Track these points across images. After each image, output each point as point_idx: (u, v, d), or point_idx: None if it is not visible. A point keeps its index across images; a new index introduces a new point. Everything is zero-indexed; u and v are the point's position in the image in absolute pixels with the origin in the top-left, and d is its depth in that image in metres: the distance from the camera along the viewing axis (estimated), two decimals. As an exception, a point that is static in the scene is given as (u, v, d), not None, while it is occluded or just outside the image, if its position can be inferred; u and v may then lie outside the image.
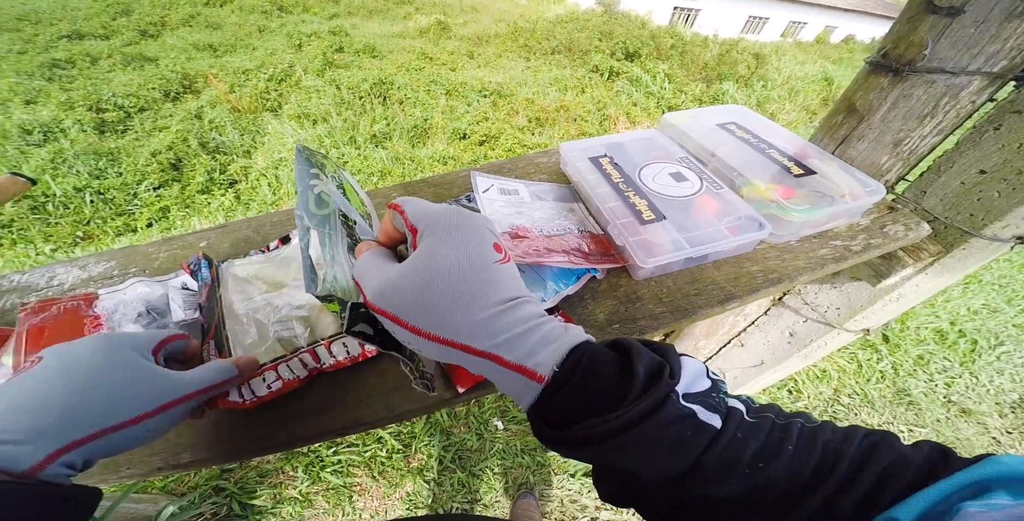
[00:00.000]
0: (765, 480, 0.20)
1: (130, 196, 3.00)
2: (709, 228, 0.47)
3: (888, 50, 0.47)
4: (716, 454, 0.21)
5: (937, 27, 0.43)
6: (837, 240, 0.55)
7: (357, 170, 3.23)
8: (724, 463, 0.21)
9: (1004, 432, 1.58)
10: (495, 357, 0.23)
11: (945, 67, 0.44)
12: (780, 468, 0.20)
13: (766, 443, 0.21)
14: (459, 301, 0.23)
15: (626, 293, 0.46)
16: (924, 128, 0.52)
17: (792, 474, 0.20)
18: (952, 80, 0.45)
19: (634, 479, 0.23)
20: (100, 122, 3.66)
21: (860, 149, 0.58)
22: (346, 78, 4.37)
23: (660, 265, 0.45)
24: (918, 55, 0.45)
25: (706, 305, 0.45)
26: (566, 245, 0.46)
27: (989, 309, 2.07)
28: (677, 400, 0.22)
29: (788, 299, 0.92)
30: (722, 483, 0.21)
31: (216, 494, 1.30)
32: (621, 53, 5.69)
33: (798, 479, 0.20)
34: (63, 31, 5.88)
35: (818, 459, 0.21)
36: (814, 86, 5.22)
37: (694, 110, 0.63)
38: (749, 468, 0.21)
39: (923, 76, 0.46)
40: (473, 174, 0.52)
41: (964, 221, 0.58)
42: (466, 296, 0.23)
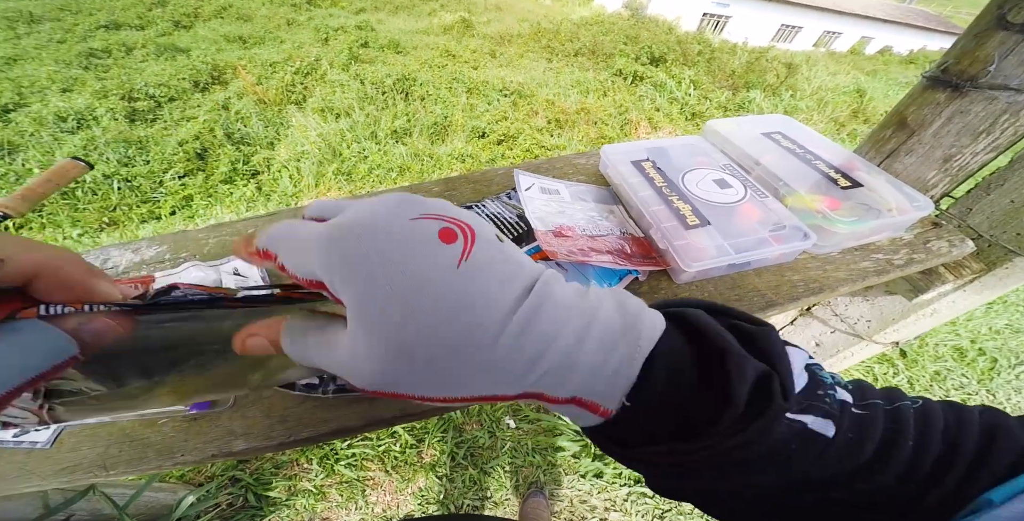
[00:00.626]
0: (877, 484, 0.18)
1: (156, 184, 3.08)
2: (753, 235, 0.47)
3: (949, 65, 0.47)
4: (825, 463, 0.18)
5: (1007, 43, 0.42)
6: (879, 253, 0.54)
7: (377, 165, 3.27)
8: (834, 473, 0.18)
9: None
10: (537, 396, 0.17)
11: (1010, 84, 0.43)
12: (898, 466, 0.18)
13: (881, 442, 0.18)
14: (443, 353, 0.16)
15: (667, 296, 0.46)
16: (978, 145, 0.51)
17: (909, 473, 0.18)
18: (1015, 97, 0.44)
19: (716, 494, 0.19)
20: (131, 111, 3.77)
21: (907, 163, 0.57)
22: (370, 73, 4.43)
23: (703, 270, 0.45)
24: (981, 71, 0.44)
25: (747, 311, 0.45)
26: (609, 246, 0.46)
27: (1012, 329, 2.03)
28: (783, 417, 0.17)
29: (817, 310, 0.91)
30: (828, 490, 0.18)
31: (232, 484, 1.33)
32: (646, 57, 5.65)
33: (915, 477, 0.18)
34: (101, 21, 6.07)
35: (937, 452, 0.18)
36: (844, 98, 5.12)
37: (738, 118, 0.63)
38: (865, 471, 0.18)
39: (984, 92, 0.45)
40: (516, 172, 0.53)
41: (1010, 240, 0.57)
42: (448, 342, 0.16)
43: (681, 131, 4.18)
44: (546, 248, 0.40)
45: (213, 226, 0.55)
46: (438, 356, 0.16)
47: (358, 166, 3.29)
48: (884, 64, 9.32)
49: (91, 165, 0.54)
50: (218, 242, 0.53)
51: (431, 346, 0.16)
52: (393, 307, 0.16)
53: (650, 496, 1.37)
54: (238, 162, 3.31)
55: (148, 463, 0.37)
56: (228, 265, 0.48)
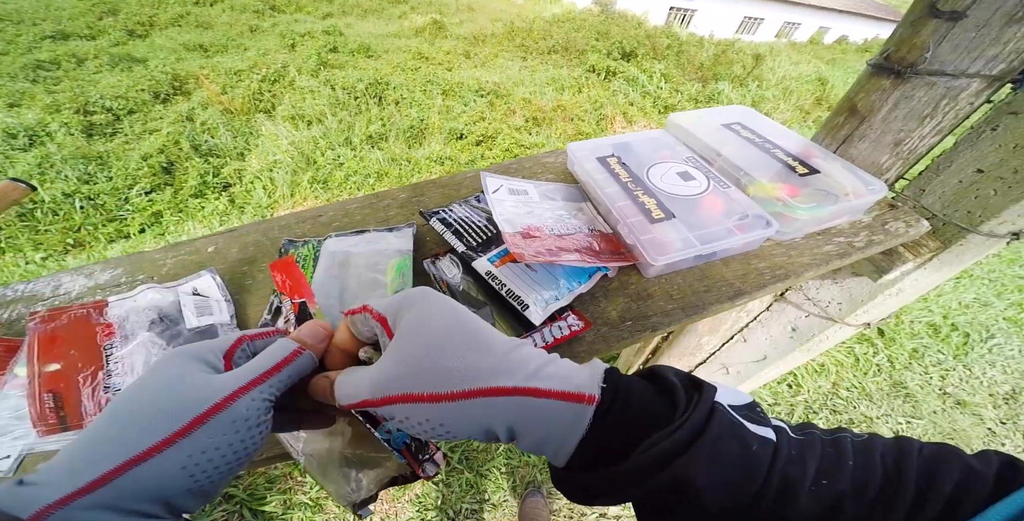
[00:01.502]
0: (832, 497, 0.19)
1: (121, 201, 2.97)
2: (717, 226, 0.47)
3: (891, 53, 0.48)
4: (780, 469, 0.19)
5: (939, 31, 0.44)
6: (841, 237, 0.56)
7: (353, 172, 3.22)
8: (790, 480, 0.19)
9: (998, 422, 1.62)
10: (532, 390, 0.21)
11: (946, 70, 0.45)
12: (844, 483, 0.19)
13: (823, 458, 0.20)
14: (469, 347, 0.22)
15: (637, 291, 0.46)
16: (924, 128, 0.53)
17: (857, 491, 0.19)
18: (952, 82, 0.46)
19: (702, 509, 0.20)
20: (88, 125, 3.61)
21: (861, 149, 0.59)
22: (341, 78, 4.35)
23: (670, 263, 0.45)
24: (920, 58, 0.46)
25: (716, 301, 0.46)
26: (577, 244, 0.46)
27: (980, 303, 2.11)
28: (725, 409, 0.21)
29: (790, 295, 0.93)
30: (793, 502, 0.19)
31: (226, 501, 1.30)
32: (618, 53, 5.71)
33: (864, 498, 0.19)
34: (47, 31, 5.79)
35: (880, 477, 0.19)
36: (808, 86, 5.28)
37: (699, 111, 0.64)
38: (815, 485, 0.19)
39: (924, 78, 0.47)
40: (483, 175, 0.52)
41: (962, 218, 0.60)
42: (473, 341, 0.23)
43: (655, 124, 4.24)
44: (514, 250, 0.40)
45: (171, 246, 0.53)
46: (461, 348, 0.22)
47: (334, 173, 3.23)
48: (842, 53, 9.65)
49: (33, 187, 0.51)
50: (176, 262, 0.51)
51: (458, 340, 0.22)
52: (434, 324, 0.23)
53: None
54: (208, 175, 3.21)
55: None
56: (187, 285, 0.46)
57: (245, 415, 0.22)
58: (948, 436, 1.56)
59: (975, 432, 1.58)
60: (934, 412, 1.64)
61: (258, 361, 0.25)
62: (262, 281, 0.49)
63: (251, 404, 0.23)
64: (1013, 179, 0.53)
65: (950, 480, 0.18)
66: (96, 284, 0.50)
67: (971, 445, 1.54)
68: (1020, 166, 0.51)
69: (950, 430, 1.58)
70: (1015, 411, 1.65)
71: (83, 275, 0.51)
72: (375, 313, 0.25)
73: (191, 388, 0.22)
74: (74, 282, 0.50)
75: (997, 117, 0.50)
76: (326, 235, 0.52)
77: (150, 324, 0.41)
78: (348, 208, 0.56)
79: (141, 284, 0.48)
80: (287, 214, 0.56)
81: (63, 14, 6.61)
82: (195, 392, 0.22)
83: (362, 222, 0.54)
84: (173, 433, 0.20)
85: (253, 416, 0.23)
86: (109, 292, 0.49)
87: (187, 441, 0.20)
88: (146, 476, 0.19)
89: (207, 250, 0.52)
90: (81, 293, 0.49)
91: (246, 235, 0.53)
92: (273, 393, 0.24)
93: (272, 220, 0.55)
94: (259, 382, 0.23)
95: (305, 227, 0.54)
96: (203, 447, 0.21)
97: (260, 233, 0.53)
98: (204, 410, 0.21)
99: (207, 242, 0.53)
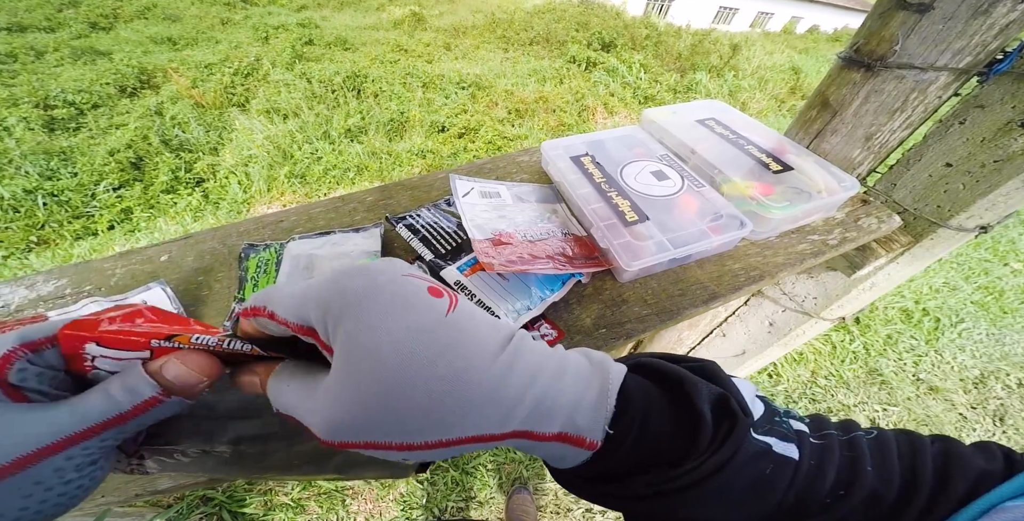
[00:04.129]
0: (847, 508, 0.19)
1: (88, 198, 2.84)
2: (692, 228, 0.46)
3: (860, 45, 0.48)
4: (798, 490, 0.19)
5: (907, 23, 0.43)
6: (815, 235, 0.56)
7: (332, 166, 3.14)
8: (807, 499, 0.19)
9: (969, 407, 1.68)
10: (525, 434, 0.18)
11: (914, 63, 0.44)
12: (863, 491, 0.19)
13: (841, 467, 0.20)
14: (437, 390, 0.16)
15: (611, 296, 0.45)
16: (894, 122, 0.53)
17: (875, 498, 0.19)
18: (921, 75, 0.46)
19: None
20: (49, 119, 3.44)
21: (833, 143, 0.59)
22: (317, 71, 4.22)
23: (645, 267, 0.44)
24: (889, 51, 0.45)
25: (691, 305, 0.45)
26: (550, 250, 0.45)
27: (949, 287, 2.18)
28: (751, 441, 0.19)
29: (767, 290, 0.94)
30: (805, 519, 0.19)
31: (204, 504, 1.27)
32: (598, 43, 5.68)
33: (882, 503, 0.19)
34: (1, 23, 5.45)
35: (899, 480, 0.19)
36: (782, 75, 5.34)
37: (673, 106, 0.63)
38: (831, 497, 0.19)
39: (893, 71, 0.46)
40: (452, 177, 0.50)
41: (932, 213, 0.60)
42: (447, 377, 0.16)
43: (635, 115, 4.24)
44: (483, 259, 0.38)
45: (121, 254, 0.49)
46: (429, 393, 0.16)
47: (312, 168, 3.14)
48: (814, 42, 9.77)
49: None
50: (127, 272, 0.48)
51: (424, 382, 0.16)
52: (389, 349, 0.16)
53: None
54: (179, 170, 3.09)
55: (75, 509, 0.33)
56: (136, 297, 0.43)
57: (59, 474, 0.16)
58: (922, 423, 1.62)
59: (947, 418, 1.64)
60: (908, 398, 1.70)
61: (96, 402, 0.18)
62: (219, 291, 0.46)
63: (68, 463, 0.17)
64: (980, 173, 0.53)
65: (965, 481, 0.18)
66: (38, 296, 0.46)
67: (944, 432, 1.60)
68: (987, 160, 0.52)
69: (924, 416, 1.64)
70: (984, 395, 1.71)
71: (24, 286, 0.47)
72: (292, 325, 0.18)
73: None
74: (14, 294, 0.46)
75: (964, 110, 0.50)
76: (288, 238, 0.49)
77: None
78: (312, 212, 0.53)
79: (86, 296, 0.45)
80: (246, 220, 0.53)
81: (19, 5, 6.23)
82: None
83: (326, 227, 0.52)
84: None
85: (73, 473, 0.17)
86: (52, 304, 0.45)
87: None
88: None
89: (160, 259, 0.49)
90: (21, 305, 0.45)
91: (202, 242, 0.50)
92: (114, 441, 0.18)
93: (230, 226, 0.53)
94: (78, 439, 0.17)
95: (265, 232, 0.52)
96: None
97: (217, 240, 0.50)
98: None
99: (160, 250, 0.50)
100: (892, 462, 0.20)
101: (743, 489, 0.18)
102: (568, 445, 0.18)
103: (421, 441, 0.17)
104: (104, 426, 0.17)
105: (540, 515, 1.35)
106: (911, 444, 0.21)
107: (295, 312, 0.18)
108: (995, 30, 0.41)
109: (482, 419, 0.17)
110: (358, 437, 0.17)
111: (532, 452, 0.19)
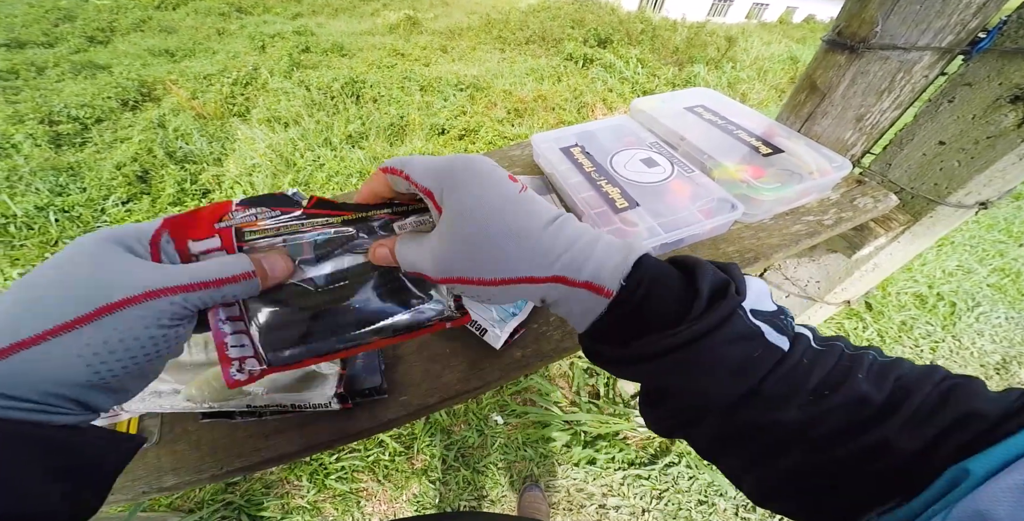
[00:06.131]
0: (827, 408, 0.20)
1: (98, 212, 2.89)
2: (683, 212, 0.47)
3: (842, 28, 0.48)
4: (781, 376, 0.21)
5: (886, 4, 0.43)
6: (809, 216, 0.56)
7: (335, 172, 3.16)
8: (788, 387, 0.21)
9: (993, 395, 1.64)
10: (560, 279, 0.23)
11: (897, 43, 0.44)
12: (845, 397, 0.20)
13: (833, 371, 0.21)
14: (508, 240, 0.23)
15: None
16: (883, 103, 0.53)
17: (862, 401, 0.20)
18: (904, 56, 0.46)
19: (689, 402, 0.23)
20: (55, 135, 3.49)
21: (824, 126, 0.59)
22: (315, 78, 4.26)
23: (636, 252, 0.45)
24: (870, 32, 0.45)
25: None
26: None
27: (963, 270, 2.13)
28: (745, 316, 0.21)
29: (769, 275, 0.94)
30: (782, 409, 0.20)
31: (224, 508, 1.29)
32: (594, 40, 5.67)
33: (868, 406, 0.19)
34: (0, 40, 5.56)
35: (888, 392, 0.20)
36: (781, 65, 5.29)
37: (662, 95, 0.63)
38: (813, 395, 0.20)
39: (877, 53, 0.46)
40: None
41: (929, 191, 0.60)
42: (511, 233, 0.23)
43: (636, 111, 4.22)
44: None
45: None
46: (502, 242, 0.23)
47: (315, 175, 3.17)
48: (811, 31, 9.66)
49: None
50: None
51: (500, 234, 0.23)
52: (481, 212, 0.23)
53: (646, 478, 1.40)
54: (185, 182, 3.13)
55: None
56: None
57: (159, 317, 0.20)
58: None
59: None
60: (925, 385, 1.66)
61: (203, 267, 0.23)
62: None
63: (171, 308, 0.21)
64: (975, 150, 0.53)
65: (957, 409, 0.18)
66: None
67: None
68: (980, 136, 0.52)
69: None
70: (1008, 381, 1.66)
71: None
72: (420, 186, 0.25)
73: (108, 272, 0.20)
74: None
75: (952, 89, 0.50)
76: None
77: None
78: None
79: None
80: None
81: (15, 21, 6.34)
82: (112, 277, 0.20)
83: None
84: (76, 318, 0.18)
85: (169, 321, 0.21)
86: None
87: (90, 328, 0.19)
88: (38, 360, 0.18)
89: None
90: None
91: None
92: (199, 304, 0.22)
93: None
94: (191, 289, 0.21)
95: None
96: (106, 338, 0.19)
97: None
98: (118, 299, 0.19)
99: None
100: (889, 375, 0.21)
101: (729, 362, 0.21)
102: (591, 293, 0.23)
103: (491, 278, 0.23)
104: (204, 285, 0.22)
105: (552, 512, 1.35)
106: (924, 371, 0.21)
107: (422, 177, 0.24)
108: (972, 8, 0.41)
109: (534, 264, 0.23)
110: (453, 273, 0.24)
111: (566, 304, 0.24)
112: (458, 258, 0.23)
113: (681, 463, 1.41)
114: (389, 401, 0.39)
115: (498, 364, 0.41)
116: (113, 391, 0.21)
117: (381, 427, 0.38)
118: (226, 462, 0.36)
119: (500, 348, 0.41)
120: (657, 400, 0.25)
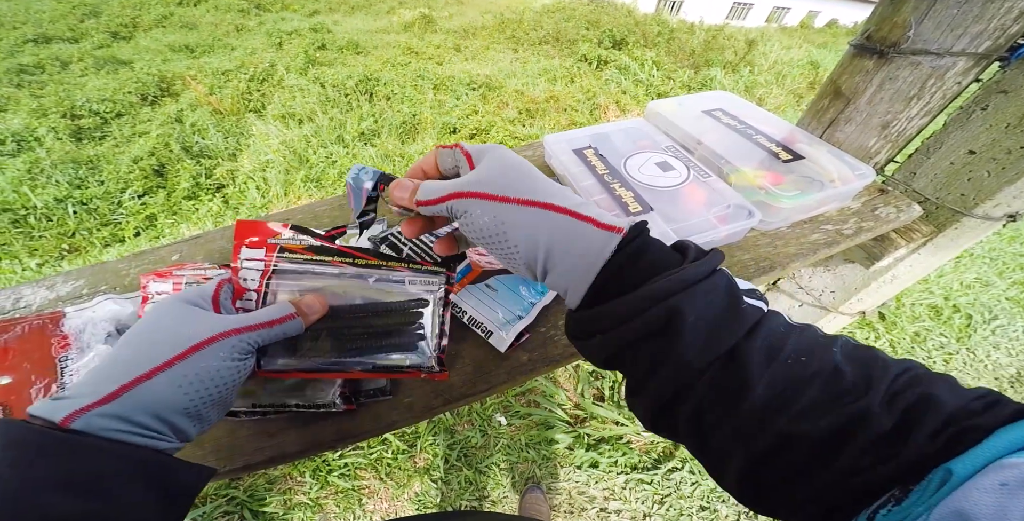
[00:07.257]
0: (806, 375, 0.21)
1: (115, 205, 2.94)
2: (697, 218, 0.45)
3: (872, 32, 0.46)
4: (761, 336, 0.22)
5: (920, 8, 0.41)
6: (828, 224, 0.54)
7: (347, 169, 3.19)
8: (767, 349, 0.21)
9: (1005, 407, 1.59)
10: (575, 213, 0.25)
11: (930, 48, 0.42)
12: (821, 365, 0.21)
13: (809, 340, 0.22)
14: (535, 177, 0.27)
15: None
16: (911, 110, 0.51)
17: (833, 375, 0.20)
18: (937, 61, 0.44)
19: (672, 375, 0.23)
20: (76, 129, 3.57)
21: (848, 132, 0.57)
22: (330, 76, 4.30)
23: (649, 259, 0.43)
24: (902, 37, 0.43)
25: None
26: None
27: (981, 283, 2.07)
28: (728, 275, 0.24)
29: (783, 283, 0.92)
30: (762, 374, 0.21)
31: (227, 503, 1.30)
32: (608, 42, 5.63)
33: (839, 383, 0.20)
34: (28, 35, 5.68)
35: (861, 364, 0.21)
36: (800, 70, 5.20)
37: (679, 97, 0.62)
38: (792, 358, 0.21)
39: (908, 58, 0.45)
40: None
41: (955, 201, 0.58)
42: (538, 175, 0.27)
43: (649, 113, 4.18)
44: (474, 257, 0.38)
45: (135, 255, 0.51)
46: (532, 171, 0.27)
47: (327, 171, 3.20)
48: (833, 36, 9.46)
49: None
50: (140, 271, 0.49)
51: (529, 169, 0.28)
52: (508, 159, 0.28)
53: (648, 482, 1.38)
54: (200, 176, 3.18)
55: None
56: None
57: (230, 352, 0.27)
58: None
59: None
60: (936, 397, 1.62)
61: (257, 314, 0.30)
62: (229, 288, 0.47)
63: (238, 344, 0.27)
64: (1007, 160, 0.51)
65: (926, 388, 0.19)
66: (57, 296, 0.48)
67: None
68: (1013, 146, 0.49)
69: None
70: (1022, 394, 1.63)
71: (44, 287, 0.49)
72: (464, 150, 0.29)
73: (187, 324, 0.27)
74: (35, 295, 0.48)
75: (986, 96, 0.48)
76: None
77: (107, 337, 0.39)
78: (316, 210, 0.54)
79: (102, 295, 0.46)
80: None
81: (43, 17, 6.51)
82: (191, 327, 0.27)
83: (331, 224, 0.53)
84: (173, 357, 0.25)
85: (238, 354, 0.27)
86: (70, 304, 0.47)
87: (182, 365, 0.25)
88: (151, 390, 0.24)
89: (172, 259, 0.50)
90: (42, 306, 0.47)
91: (211, 242, 0.51)
92: (257, 342, 0.29)
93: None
94: (250, 329, 0.28)
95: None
96: (196, 370, 0.25)
97: (226, 239, 0.52)
98: (197, 342, 0.26)
99: (171, 250, 0.51)
100: (862, 355, 0.22)
101: (722, 308, 0.22)
102: (600, 229, 0.24)
103: (514, 196, 0.25)
104: (257, 326, 0.29)
105: (553, 514, 1.34)
106: (899, 361, 0.22)
107: (468, 147, 0.29)
108: (1014, 13, 0.39)
109: (555, 195, 0.26)
110: (479, 188, 0.26)
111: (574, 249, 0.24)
112: (484, 179, 0.26)
113: (684, 469, 1.39)
114: (393, 402, 0.39)
115: (504, 368, 0.41)
116: (199, 419, 0.26)
117: (384, 429, 0.38)
118: (229, 460, 0.36)
119: (506, 351, 0.40)
120: (641, 382, 0.25)
